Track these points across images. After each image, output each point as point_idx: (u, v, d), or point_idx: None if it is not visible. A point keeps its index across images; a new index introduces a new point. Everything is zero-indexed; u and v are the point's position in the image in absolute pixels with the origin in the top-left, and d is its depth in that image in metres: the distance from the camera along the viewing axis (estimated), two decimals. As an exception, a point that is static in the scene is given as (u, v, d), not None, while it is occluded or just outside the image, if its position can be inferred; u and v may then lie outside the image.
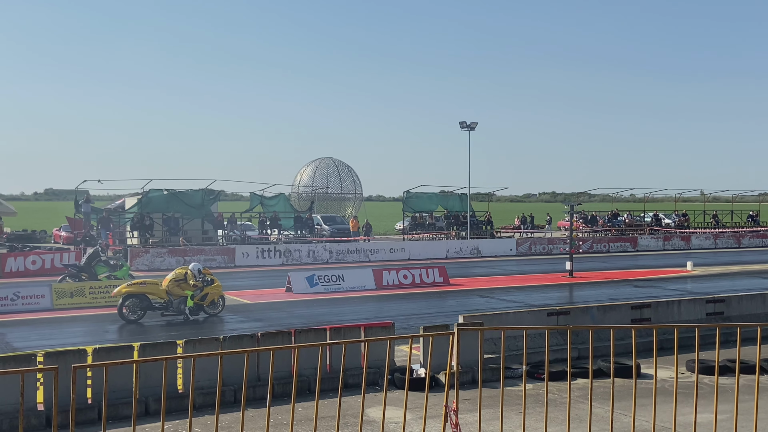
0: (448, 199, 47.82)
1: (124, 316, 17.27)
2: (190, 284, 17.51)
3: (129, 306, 17.32)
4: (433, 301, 21.88)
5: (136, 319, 17.30)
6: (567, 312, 13.58)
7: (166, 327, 17.01)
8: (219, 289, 18.17)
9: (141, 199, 36.92)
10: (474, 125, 43.40)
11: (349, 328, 11.90)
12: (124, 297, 17.34)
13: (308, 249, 35.32)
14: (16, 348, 14.39)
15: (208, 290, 17.80)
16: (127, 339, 14.98)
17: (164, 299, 17.50)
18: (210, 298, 17.90)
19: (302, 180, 53.65)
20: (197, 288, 17.57)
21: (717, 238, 47.46)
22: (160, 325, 17.20)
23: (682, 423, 8.16)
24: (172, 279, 17.58)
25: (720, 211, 57.17)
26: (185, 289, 17.52)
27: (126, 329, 16.79)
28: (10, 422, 8.88)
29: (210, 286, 17.85)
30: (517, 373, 11.41)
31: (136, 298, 17.37)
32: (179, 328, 16.72)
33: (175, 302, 17.52)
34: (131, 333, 16.27)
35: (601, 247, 42.79)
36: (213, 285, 17.95)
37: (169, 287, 17.51)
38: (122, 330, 16.75)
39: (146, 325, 17.19)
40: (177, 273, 17.73)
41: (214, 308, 18.13)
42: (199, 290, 17.61)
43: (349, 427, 8.99)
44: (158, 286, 17.63)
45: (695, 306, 14.97)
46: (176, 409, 9.70)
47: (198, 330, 16.42)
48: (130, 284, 17.86)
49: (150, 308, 17.43)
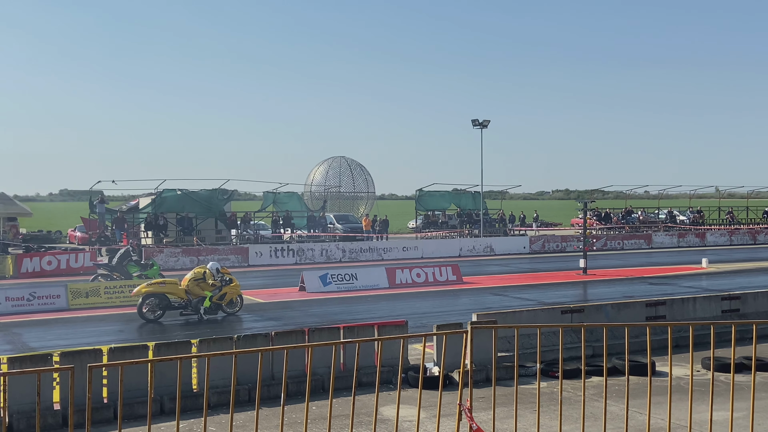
0: (460, 198, 47.74)
1: (143, 316, 17.41)
2: (209, 284, 17.63)
3: (149, 305, 17.47)
4: (447, 299, 21.85)
5: (155, 319, 17.45)
6: (581, 310, 13.52)
7: (184, 326, 17.14)
8: (237, 288, 18.30)
9: (155, 199, 37.10)
10: (486, 123, 43.32)
11: (362, 326, 11.90)
12: (144, 296, 17.48)
13: (321, 248, 35.40)
14: (32, 348, 14.50)
15: (227, 289, 17.92)
16: (145, 338, 15.07)
17: (183, 299, 17.64)
18: (228, 297, 18.02)
19: (315, 179, 53.71)
20: (216, 287, 17.69)
21: (732, 234, 47.10)
22: (179, 324, 17.32)
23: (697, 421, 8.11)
24: (191, 278, 17.70)
25: (735, 208, 56.74)
26: (204, 288, 17.65)
27: (142, 328, 16.88)
28: (27, 421, 8.96)
29: (228, 285, 17.98)
30: (531, 371, 11.37)
31: (156, 297, 17.51)
32: (197, 327, 16.85)
33: (194, 301, 17.65)
34: (149, 332, 16.36)
35: (615, 245, 42.59)
36: (231, 284, 18.08)
37: (189, 287, 17.63)
38: (138, 329, 16.83)
39: (165, 324, 17.32)
40: (196, 272, 17.84)
41: (232, 307, 18.27)
42: (218, 289, 17.73)
43: (363, 425, 9.00)
44: (177, 286, 17.76)
45: (710, 303, 14.86)
46: (191, 408, 9.75)
47: (215, 329, 16.50)
48: (150, 284, 17.99)
49: (169, 307, 17.58)
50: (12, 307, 18.89)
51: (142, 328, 16.91)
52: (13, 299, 19.07)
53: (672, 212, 54.14)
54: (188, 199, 37.32)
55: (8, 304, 18.89)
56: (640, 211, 53.78)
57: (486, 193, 47.68)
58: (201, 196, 37.72)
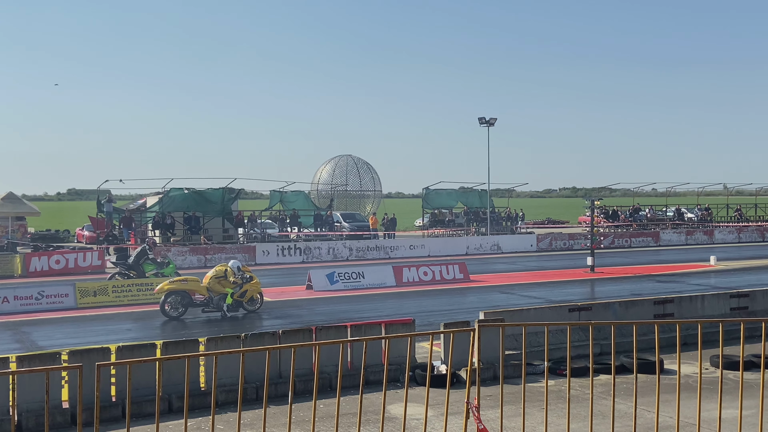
0: (467, 196, 47.69)
1: (166, 313, 17.53)
2: (230, 281, 17.75)
3: (171, 303, 17.61)
4: (454, 297, 21.83)
5: (177, 316, 17.58)
6: (589, 308, 13.49)
7: (206, 323, 17.24)
8: (258, 285, 18.44)
9: (162, 199, 37.19)
10: (493, 121, 43.20)
11: (369, 325, 11.91)
12: (166, 294, 17.61)
13: (328, 246, 35.41)
14: (41, 346, 14.56)
15: (248, 287, 18.04)
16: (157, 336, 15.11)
17: (205, 296, 17.75)
18: (249, 295, 18.16)
19: (322, 177, 53.73)
20: (237, 285, 17.79)
21: (740, 232, 46.90)
22: (200, 322, 17.43)
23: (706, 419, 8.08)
24: (212, 276, 17.82)
25: (744, 205, 56.48)
26: (225, 286, 17.76)
27: (151, 326, 16.93)
28: (36, 420, 9.00)
29: (249, 282, 18.10)
30: (539, 369, 11.35)
31: (178, 295, 17.64)
32: (219, 325, 16.96)
33: (215, 299, 17.75)
34: (160, 330, 16.42)
35: (623, 243, 42.46)
36: (252, 282, 18.21)
37: (210, 284, 17.74)
38: (147, 327, 16.88)
39: (186, 321, 17.47)
40: (217, 270, 17.96)
41: (253, 305, 18.41)
42: (239, 287, 17.84)
43: (371, 423, 9.00)
44: (199, 283, 17.91)
45: (719, 301, 14.80)
46: (199, 407, 9.77)
47: (235, 327, 16.56)
48: (172, 281, 18.09)
49: (191, 305, 17.72)
50: (21, 305, 18.97)
51: (150, 326, 16.97)
52: (21, 298, 19.16)
53: (680, 210, 53.92)
54: (195, 198, 37.41)
55: (17, 303, 18.98)
56: (648, 208, 53.55)
57: (493, 191, 47.64)
58: (208, 195, 37.81)
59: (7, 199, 37.47)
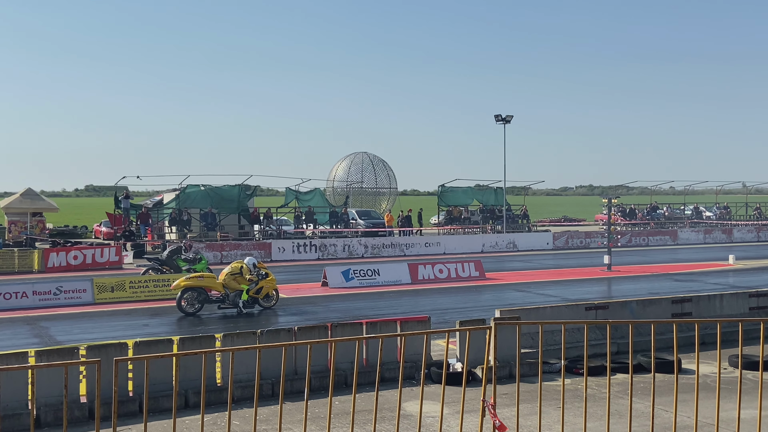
0: (483, 193, 47.54)
1: (183, 309, 17.64)
2: (246, 278, 17.83)
3: (187, 299, 17.72)
4: (469, 295, 21.78)
5: (193, 312, 17.70)
6: (606, 306, 13.41)
7: (222, 319, 17.33)
8: (273, 282, 18.49)
9: (179, 195, 37.42)
10: (509, 118, 43.04)
11: (385, 322, 11.90)
12: (182, 290, 17.72)
13: (343, 243, 35.44)
14: (59, 341, 14.69)
15: (263, 284, 18.10)
16: (174, 332, 15.20)
17: (221, 292, 17.84)
18: (265, 292, 18.22)
19: (337, 175, 53.77)
20: (252, 282, 17.86)
21: (760, 230, 46.45)
22: (216, 318, 17.52)
23: (724, 419, 8.01)
24: (228, 273, 17.90)
25: (763, 203, 55.93)
26: (241, 282, 17.84)
27: (168, 322, 17.03)
28: (54, 414, 9.07)
29: (265, 279, 18.15)
30: (555, 368, 11.30)
31: (194, 291, 17.75)
32: (234, 321, 17.04)
33: (231, 295, 17.84)
34: (176, 325, 16.51)
35: (640, 241, 42.18)
36: (267, 278, 18.26)
37: (226, 281, 17.83)
38: (164, 323, 16.98)
39: (203, 317, 17.57)
40: (233, 267, 18.03)
41: (268, 301, 18.49)
42: (254, 284, 17.91)
43: (386, 420, 9.00)
44: (215, 280, 18.01)
45: (738, 300, 14.66)
46: (215, 402, 9.82)
47: (251, 323, 16.63)
48: (188, 278, 18.19)
49: (207, 301, 17.84)
50: (39, 301, 19.16)
51: (167, 322, 17.06)
52: (40, 293, 19.34)
53: (698, 208, 53.50)
54: (212, 195, 37.62)
55: (35, 298, 19.17)
56: (666, 206, 53.18)
57: (509, 189, 47.45)
58: (224, 192, 37.99)
59: (25, 195, 37.84)
